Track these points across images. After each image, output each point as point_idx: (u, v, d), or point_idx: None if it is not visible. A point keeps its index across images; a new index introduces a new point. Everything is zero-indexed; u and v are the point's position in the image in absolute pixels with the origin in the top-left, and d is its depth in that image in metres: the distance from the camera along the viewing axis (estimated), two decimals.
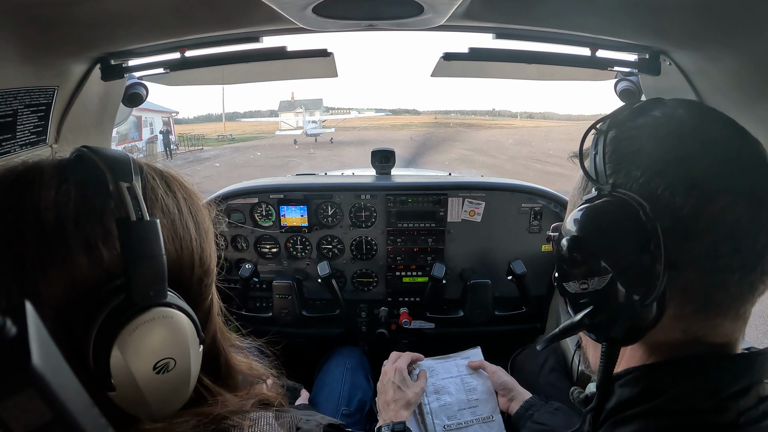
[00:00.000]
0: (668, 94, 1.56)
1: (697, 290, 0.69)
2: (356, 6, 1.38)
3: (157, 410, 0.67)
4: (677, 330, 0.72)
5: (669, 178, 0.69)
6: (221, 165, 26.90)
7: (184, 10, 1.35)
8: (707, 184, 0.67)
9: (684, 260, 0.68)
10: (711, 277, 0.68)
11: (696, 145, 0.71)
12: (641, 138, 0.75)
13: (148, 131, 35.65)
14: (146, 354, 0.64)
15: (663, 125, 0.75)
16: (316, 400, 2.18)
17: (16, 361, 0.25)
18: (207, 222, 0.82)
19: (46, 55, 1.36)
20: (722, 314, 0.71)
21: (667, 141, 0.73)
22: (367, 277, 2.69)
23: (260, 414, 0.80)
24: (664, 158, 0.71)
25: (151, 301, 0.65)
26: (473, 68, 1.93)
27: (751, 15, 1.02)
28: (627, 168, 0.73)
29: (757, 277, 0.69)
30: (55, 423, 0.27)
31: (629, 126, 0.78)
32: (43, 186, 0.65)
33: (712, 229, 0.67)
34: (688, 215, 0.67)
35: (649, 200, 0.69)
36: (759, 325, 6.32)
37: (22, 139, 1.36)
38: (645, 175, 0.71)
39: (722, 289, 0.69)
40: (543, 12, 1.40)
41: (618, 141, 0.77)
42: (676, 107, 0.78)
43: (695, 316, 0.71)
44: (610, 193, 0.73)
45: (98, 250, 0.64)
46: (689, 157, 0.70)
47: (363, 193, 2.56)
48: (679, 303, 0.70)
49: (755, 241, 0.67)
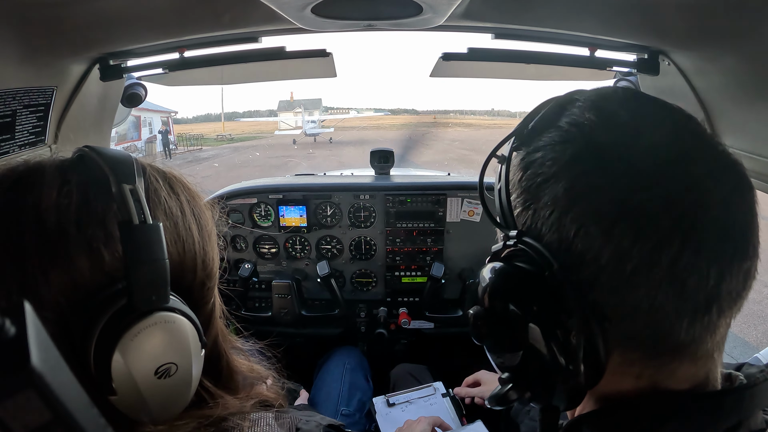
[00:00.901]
0: (667, 94, 1.57)
1: (643, 339, 0.57)
2: (355, 6, 1.38)
3: (157, 414, 0.67)
4: (629, 376, 0.60)
5: (581, 216, 0.56)
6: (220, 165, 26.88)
7: (183, 11, 1.35)
8: (629, 219, 0.54)
9: (617, 312, 0.56)
10: (654, 327, 0.56)
11: (610, 164, 0.56)
12: (546, 161, 0.60)
13: (147, 131, 35.64)
14: (148, 359, 0.63)
15: (569, 140, 0.60)
16: (315, 400, 2.18)
17: (15, 362, 0.25)
18: (210, 224, 0.81)
19: (44, 56, 1.36)
20: (677, 358, 0.58)
21: (574, 164, 0.58)
22: (366, 277, 2.69)
23: (260, 415, 0.79)
24: (572, 188, 0.57)
25: (153, 305, 0.64)
26: (472, 68, 1.93)
27: (751, 15, 1.02)
28: (533, 206, 0.61)
29: (714, 319, 0.56)
30: (54, 423, 0.27)
31: (534, 146, 0.63)
32: (45, 187, 0.64)
33: (643, 275, 0.54)
34: (611, 262, 0.54)
35: (562, 248, 0.57)
36: (758, 324, 6.33)
37: (20, 140, 1.36)
38: (554, 214, 0.58)
39: (671, 336, 0.56)
40: (542, 12, 1.40)
41: (522, 169, 0.64)
42: (585, 110, 0.62)
43: (647, 361, 0.59)
44: (515, 244, 0.61)
45: (100, 253, 0.63)
46: (601, 186, 0.56)
47: (362, 193, 2.56)
48: (625, 350, 0.58)
49: (704, 279, 0.54)
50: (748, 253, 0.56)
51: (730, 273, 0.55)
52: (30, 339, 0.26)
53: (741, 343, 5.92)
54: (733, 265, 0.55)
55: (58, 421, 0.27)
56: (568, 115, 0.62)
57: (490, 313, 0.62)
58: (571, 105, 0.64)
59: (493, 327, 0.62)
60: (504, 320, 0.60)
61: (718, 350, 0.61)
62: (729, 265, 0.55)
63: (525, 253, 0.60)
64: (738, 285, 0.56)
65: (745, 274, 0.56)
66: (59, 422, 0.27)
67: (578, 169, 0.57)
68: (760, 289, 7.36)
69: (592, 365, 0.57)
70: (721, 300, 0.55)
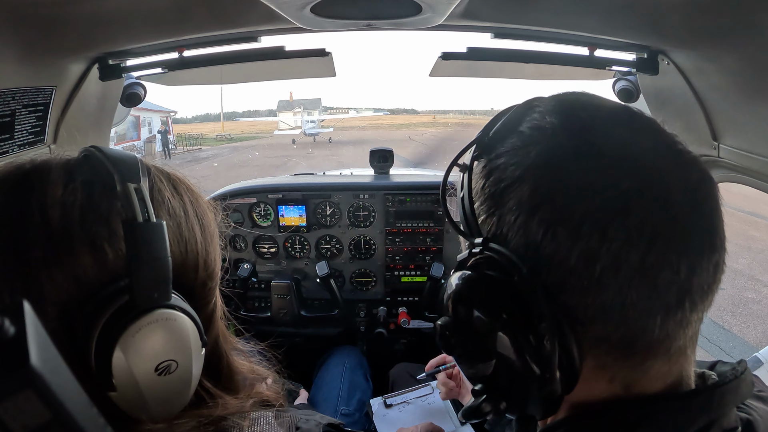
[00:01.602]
0: (667, 94, 1.57)
1: (615, 341, 0.56)
2: (354, 5, 1.38)
3: (157, 412, 0.67)
4: (602, 381, 0.59)
5: (547, 218, 0.55)
6: (219, 165, 26.86)
7: (182, 10, 1.35)
8: (596, 218, 0.54)
9: (588, 314, 0.55)
10: (626, 326, 0.55)
11: (573, 165, 0.57)
12: (507, 168, 0.60)
13: (147, 131, 35.60)
14: (148, 356, 0.64)
15: (532, 144, 0.60)
16: (315, 399, 2.19)
17: (14, 361, 0.25)
18: (213, 225, 0.82)
19: (43, 55, 1.36)
20: (651, 357, 0.58)
21: (538, 166, 0.58)
22: (366, 276, 2.69)
23: (260, 414, 0.80)
24: (537, 190, 0.57)
25: (154, 303, 0.65)
26: (471, 68, 1.93)
27: (750, 14, 1.02)
28: (498, 212, 0.60)
29: (687, 314, 0.56)
30: (53, 423, 0.27)
31: (496, 153, 0.63)
32: (50, 184, 0.65)
33: (613, 274, 0.53)
34: (579, 263, 0.54)
35: (529, 252, 0.56)
36: (758, 324, 6.34)
37: (20, 140, 1.36)
38: (520, 219, 0.57)
39: (644, 335, 0.56)
40: (541, 12, 1.40)
41: (484, 176, 0.63)
42: (546, 114, 0.62)
43: (619, 363, 0.58)
44: (481, 251, 0.60)
45: (103, 251, 0.64)
46: (567, 186, 0.56)
47: (361, 193, 2.56)
48: (598, 353, 0.58)
49: (675, 273, 0.54)
50: (716, 245, 0.57)
51: (700, 266, 0.55)
52: (29, 339, 0.26)
53: (740, 342, 5.93)
54: (703, 258, 0.55)
55: (58, 420, 0.27)
56: (529, 121, 0.63)
57: (458, 323, 0.61)
58: (531, 111, 0.64)
59: (463, 337, 0.61)
60: (473, 330, 0.59)
61: (692, 346, 0.60)
62: (699, 258, 0.55)
63: (492, 260, 0.59)
64: (709, 277, 0.56)
65: (714, 266, 0.56)
66: (58, 422, 0.27)
67: (542, 172, 0.57)
68: (759, 289, 7.36)
69: (567, 371, 0.57)
70: (693, 294, 0.55)
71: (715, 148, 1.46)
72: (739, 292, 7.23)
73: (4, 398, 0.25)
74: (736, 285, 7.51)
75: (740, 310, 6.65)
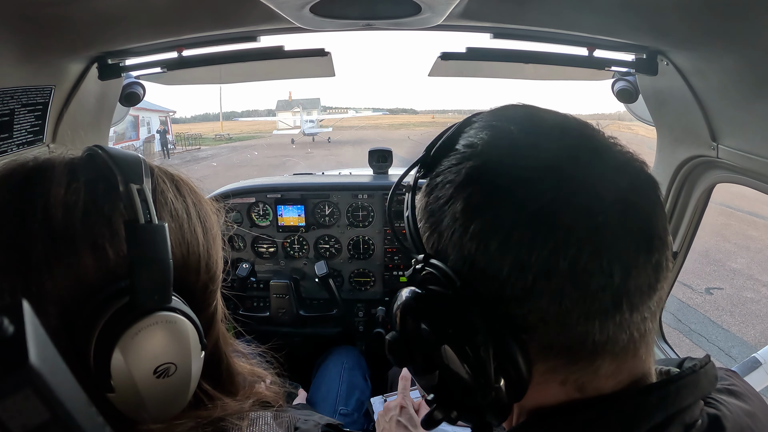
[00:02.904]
0: (666, 94, 1.57)
1: (560, 345, 0.57)
2: (353, 5, 1.38)
3: (154, 414, 0.67)
4: (554, 383, 0.60)
5: (479, 232, 0.57)
6: (218, 164, 26.85)
7: (181, 10, 1.35)
8: (523, 228, 0.55)
9: (528, 323, 0.57)
10: (567, 332, 0.56)
11: (501, 178, 0.59)
12: (445, 184, 0.62)
13: (146, 131, 35.57)
14: (147, 358, 0.64)
15: (464, 161, 0.62)
16: (313, 399, 2.18)
17: (13, 360, 0.25)
18: (216, 228, 0.82)
19: (43, 55, 1.35)
20: (599, 359, 0.58)
21: (468, 183, 0.60)
22: (365, 276, 2.69)
23: (258, 414, 0.80)
24: (468, 207, 0.59)
25: (155, 305, 0.64)
26: (471, 68, 1.93)
27: (749, 15, 1.02)
28: (439, 228, 0.62)
29: (626, 315, 0.56)
30: (52, 422, 0.27)
31: (436, 171, 0.66)
32: (53, 184, 0.65)
33: (545, 283, 0.55)
34: (512, 274, 0.55)
35: (465, 267, 0.58)
36: (756, 324, 6.34)
37: (18, 139, 1.36)
38: (456, 234, 0.59)
39: (586, 338, 0.56)
40: (540, 12, 1.40)
41: (428, 192, 0.66)
42: (479, 130, 0.64)
43: (569, 366, 0.59)
44: (423, 267, 0.63)
45: (105, 251, 0.64)
46: (494, 200, 0.58)
47: (360, 193, 2.56)
48: (546, 358, 0.58)
49: (608, 277, 0.54)
50: (654, 246, 0.57)
51: (636, 268, 0.56)
52: (28, 337, 0.26)
53: (739, 342, 5.94)
54: (638, 260, 0.56)
55: (57, 420, 0.27)
56: (464, 138, 0.65)
57: (404, 336, 0.64)
58: (468, 127, 0.67)
59: (408, 350, 0.64)
60: (418, 342, 0.62)
61: (644, 346, 0.61)
62: (634, 261, 0.56)
63: (432, 275, 0.61)
64: (648, 278, 0.57)
65: (655, 266, 0.57)
66: (57, 421, 0.27)
67: (471, 188, 0.60)
68: (758, 289, 7.38)
69: (513, 378, 0.58)
70: (630, 296, 0.56)
71: (713, 149, 1.46)
72: (737, 292, 7.25)
73: (3, 397, 0.25)
74: (735, 285, 7.53)
75: (739, 310, 6.66)
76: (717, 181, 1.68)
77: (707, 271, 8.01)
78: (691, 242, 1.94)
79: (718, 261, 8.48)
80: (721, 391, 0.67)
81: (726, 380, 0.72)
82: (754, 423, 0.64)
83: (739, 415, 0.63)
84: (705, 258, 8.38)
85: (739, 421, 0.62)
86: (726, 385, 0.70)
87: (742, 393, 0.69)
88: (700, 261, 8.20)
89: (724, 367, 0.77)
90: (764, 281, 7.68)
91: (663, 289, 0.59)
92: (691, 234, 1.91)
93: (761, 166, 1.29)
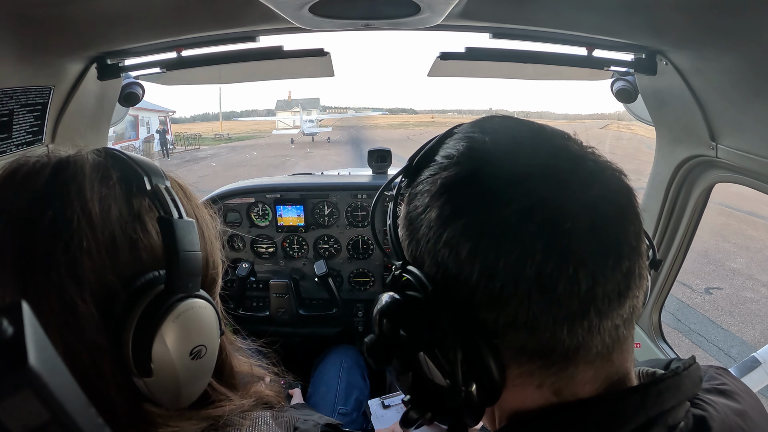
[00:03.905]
0: (665, 94, 1.57)
1: (532, 349, 0.58)
2: (353, 5, 1.38)
3: (184, 396, 0.72)
4: (531, 387, 0.61)
5: (451, 239, 0.59)
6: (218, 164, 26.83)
7: (180, 10, 1.35)
8: (491, 235, 0.57)
9: (499, 327, 0.58)
10: (537, 336, 0.57)
11: (472, 188, 0.60)
12: (423, 193, 0.64)
13: (145, 130, 35.50)
14: (186, 340, 0.70)
15: (441, 171, 0.64)
16: (312, 398, 2.19)
17: (13, 361, 0.25)
18: (214, 232, 0.87)
19: (42, 55, 1.35)
20: (573, 364, 0.59)
21: (442, 193, 0.62)
22: (364, 276, 2.69)
23: (259, 414, 0.81)
24: (440, 215, 0.61)
25: (190, 291, 0.71)
26: (470, 68, 1.93)
27: (748, 15, 1.02)
28: (416, 235, 0.64)
29: (595, 321, 0.57)
30: (52, 423, 0.27)
31: (417, 180, 0.68)
32: (86, 178, 0.69)
33: (512, 289, 0.56)
34: (481, 280, 0.57)
35: (439, 273, 0.60)
36: (756, 324, 6.35)
37: (18, 139, 1.36)
38: (431, 242, 0.61)
39: (556, 343, 0.57)
40: (540, 12, 1.40)
41: (408, 200, 0.68)
42: (458, 140, 0.66)
43: (544, 370, 0.59)
44: (401, 274, 0.65)
45: (138, 244, 0.70)
46: (465, 209, 0.59)
47: (359, 193, 2.56)
48: (520, 362, 0.59)
49: (575, 285, 0.55)
50: (623, 253, 0.58)
51: (604, 276, 0.56)
52: (28, 339, 0.26)
53: (739, 342, 5.94)
54: (606, 268, 0.56)
55: (56, 421, 0.27)
56: (444, 149, 0.67)
57: (381, 339, 0.66)
58: (449, 138, 0.69)
59: (385, 352, 0.66)
60: (394, 345, 0.64)
61: (618, 351, 0.61)
62: (602, 268, 0.56)
63: (408, 281, 0.63)
64: (617, 286, 0.57)
65: (625, 273, 0.58)
66: (57, 422, 0.27)
67: (445, 198, 0.61)
68: (757, 289, 7.38)
69: (485, 381, 0.59)
70: (597, 303, 0.56)
71: (713, 149, 1.46)
72: (737, 292, 7.25)
73: (2, 398, 0.25)
74: (735, 285, 7.53)
75: (738, 310, 6.67)
76: (716, 180, 1.68)
77: (707, 270, 8.01)
78: (691, 242, 1.94)
79: (718, 261, 8.49)
80: (710, 391, 0.67)
81: (716, 379, 0.72)
82: (745, 422, 0.63)
83: (728, 414, 0.63)
84: (704, 258, 8.39)
85: (728, 420, 0.62)
86: (716, 385, 0.70)
87: (732, 392, 0.69)
88: (700, 261, 8.21)
89: (714, 366, 0.77)
90: (763, 281, 7.68)
91: (637, 297, 0.60)
92: (690, 234, 1.91)
93: (760, 165, 1.29)
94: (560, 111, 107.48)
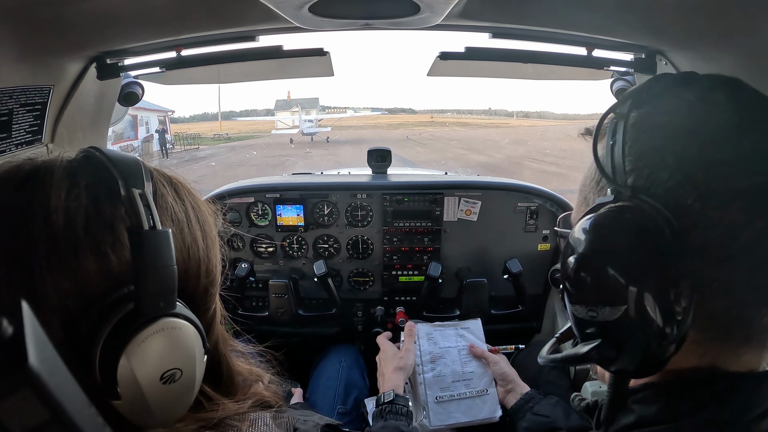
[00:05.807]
0: None
1: (723, 319, 0.58)
2: (352, 5, 1.38)
3: (159, 419, 0.66)
4: (694, 355, 0.61)
5: (702, 186, 0.56)
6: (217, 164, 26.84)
7: (180, 9, 1.35)
8: (751, 197, 0.55)
9: (712, 288, 0.57)
10: (741, 309, 0.57)
11: (738, 144, 0.57)
12: (669, 128, 0.61)
13: (144, 130, 35.55)
14: (154, 365, 0.63)
15: (697, 114, 0.60)
16: (312, 398, 2.18)
17: (12, 362, 0.25)
18: (213, 231, 0.81)
19: (41, 54, 1.35)
20: (746, 344, 0.60)
21: (701, 136, 0.59)
22: (364, 276, 2.68)
23: (258, 415, 0.79)
24: (696, 159, 0.58)
25: (160, 311, 0.64)
26: (469, 67, 1.93)
27: (747, 14, 1.02)
28: (651, 167, 0.60)
29: None
30: (52, 422, 0.27)
31: (656, 110, 0.64)
32: (53, 188, 0.63)
33: (749, 254, 0.55)
34: (723, 235, 0.56)
35: (677, 213, 0.57)
36: None
37: (17, 139, 1.35)
38: (673, 179, 0.58)
39: (751, 321, 0.58)
40: (539, 11, 1.40)
41: (641, 129, 0.63)
42: (714, 89, 0.62)
43: (716, 343, 0.60)
44: (630, 198, 0.60)
45: (107, 257, 0.63)
46: (729, 161, 0.57)
47: (359, 193, 2.56)
48: (700, 329, 0.58)
49: None
50: None
51: None
52: (27, 339, 0.26)
53: None
54: None
55: (56, 420, 0.27)
56: (693, 91, 0.63)
57: (596, 260, 0.59)
58: (696, 81, 0.65)
59: (597, 275, 0.59)
60: (612, 271, 0.57)
61: None
62: None
63: (640, 210, 0.58)
64: None
65: None
66: (57, 421, 0.27)
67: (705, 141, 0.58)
68: None
69: (678, 340, 0.57)
70: None
71: None
72: None
73: (2, 398, 0.25)
74: None
75: None
76: None
77: None
78: None
79: None
80: None
81: None
82: None
83: None
84: None
85: None
86: None
87: None
88: None
89: None
90: None
91: None
92: None
93: None
94: (559, 111, 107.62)
